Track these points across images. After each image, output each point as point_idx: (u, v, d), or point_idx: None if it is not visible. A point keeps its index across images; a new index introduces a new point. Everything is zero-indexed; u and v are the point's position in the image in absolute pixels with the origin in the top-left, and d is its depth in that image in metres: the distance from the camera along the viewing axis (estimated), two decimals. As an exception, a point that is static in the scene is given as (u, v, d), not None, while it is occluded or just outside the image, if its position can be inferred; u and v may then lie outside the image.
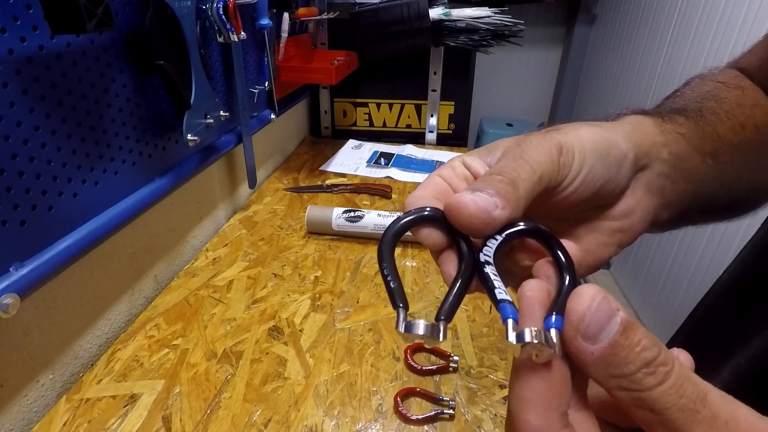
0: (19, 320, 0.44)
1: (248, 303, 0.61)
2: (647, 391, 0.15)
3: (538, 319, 0.17)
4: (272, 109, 0.93)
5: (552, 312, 0.17)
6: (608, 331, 0.15)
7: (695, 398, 0.15)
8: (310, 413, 0.46)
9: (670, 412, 0.14)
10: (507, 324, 0.17)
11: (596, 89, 2.14)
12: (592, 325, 0.16)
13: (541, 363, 0.16)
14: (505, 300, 0.18)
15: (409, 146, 1.18)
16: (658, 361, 0.15)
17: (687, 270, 1.32)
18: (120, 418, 0.45)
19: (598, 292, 0.16)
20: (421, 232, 0.21)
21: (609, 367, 0.15)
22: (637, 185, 0.26)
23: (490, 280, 0.19)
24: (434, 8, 1.02)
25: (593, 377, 0.16)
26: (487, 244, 0.20)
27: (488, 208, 0.19)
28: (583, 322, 0.16)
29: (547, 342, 0.16)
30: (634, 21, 1.80)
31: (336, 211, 0.76)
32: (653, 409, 0.15)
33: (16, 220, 0.41)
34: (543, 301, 0.17)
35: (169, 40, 0.56)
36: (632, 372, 0.15)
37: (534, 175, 0.21)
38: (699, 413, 0.14)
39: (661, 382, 0.15)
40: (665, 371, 0.15)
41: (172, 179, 0.62)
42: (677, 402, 0.15)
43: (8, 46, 0.38)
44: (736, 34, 1.21)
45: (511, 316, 0.17)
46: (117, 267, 0.58)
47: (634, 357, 0.15)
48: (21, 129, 0.40)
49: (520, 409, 0.16)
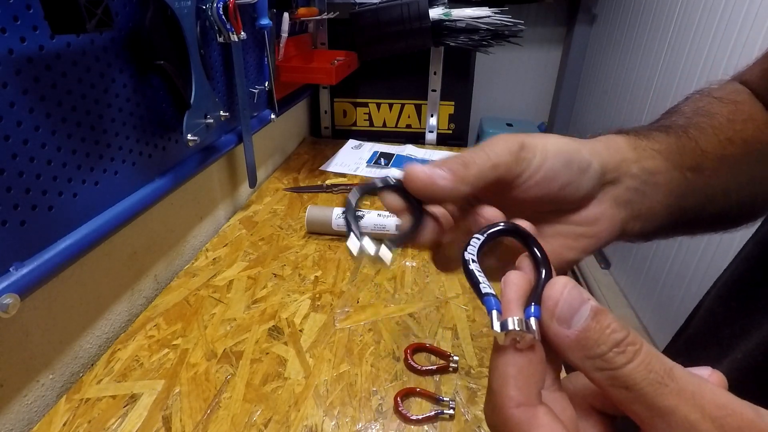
0: (19, 320, 0.44)
1: (248, 303, 0.61)
2: (619, 369, 0.16)
3: (520, 308, 0.19)
4: (272, 109, 0.93)
5: (531, 303, 0.19)
6: (580, 316, 0.17)
7: (663, 373, 0.16)
8: (310, 413, 0.46)
9: (641, 387, 0.16)
10: (492, 315, 0.19)
11: (596, 89, 2.14)
12: (565, 309, 0.18)
13: (522, 348, 0.18)
14: (490, 293, 0.19)
15: (409, 146, 1.18)
16: (627, 341, 0.16)
17: (687, 270, 1.32)
18: (120, 418, 0.45)
19: (568, 281, 0.18)
20: (384, 195, 0.25)
21: (583, 349, 0.17)
22: (605, 197, 0.29)
23: (474, 276, 0.20)
24: (434, 8, 1.02)
25: (570, 361, 0.18)
26: (470, 243, 0.22)
27: (434, 177, 0.23)
28: (557, 306, 0.18)
29: (527, 329, 0.18)
30: (634, 21, 1.80)
31: (336, 211, 0.76)
32: (626, 386, 0.16)
33: (16, 220, 0.41)
34: (523, 292, 0.19)
35: (169, 40, 0.56)
36: (604, 352, 0.16)
37: (488, 161, 0.24)
38: (667, 386, 0.15)
39: (630, 359, 0.16)
40: (634, 350, 0.16)
41: (172, 179, 0.62)
42: (647, 377, 0.16)
43: (8, 46, 0.38)
44: (736, 34, 1.21)
45: (495, 307, 0.19)
46: (117, 267, 0.58)
47: (605, 338, 0.17)
48: (21, 129, 0.40)
49: (503, 385, 0.18)
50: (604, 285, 1.68)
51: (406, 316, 0.60)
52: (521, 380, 0.18)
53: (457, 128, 1.23)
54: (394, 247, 0.24)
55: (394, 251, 0.24)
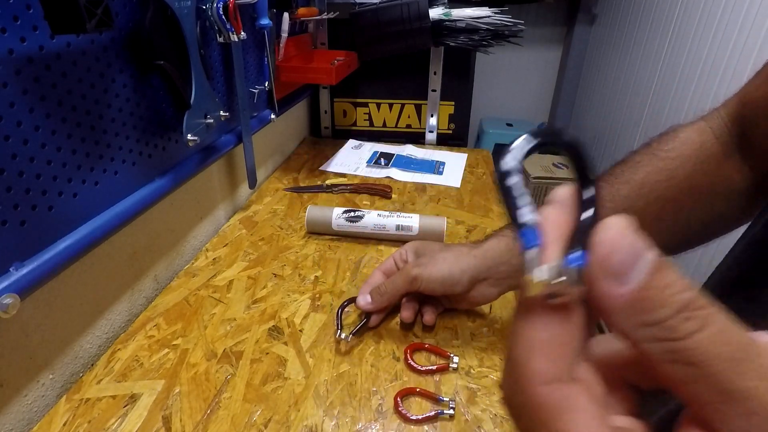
0: (19, 320, 0.44)
1: (248, 303, 0.61)
2: (685, 339, 0.13)
3: (561, 253, 0.14)
4: (272, 109, 0.93)
5: (575, 247, 0.14)
6: (639, 269, 0.13)
7: (742, 346, 0.12)
8: (310, 413, 0.46)
9: (713, 364, 0.12)
10: (528, 256, 0.14)
11: (596, 89, 2.14)
12: (620, 261, 0.14)
13: (556, 305, 0.14)
14: (530, 224, 0.15)
15: (409, 146, 1.18)
16: (697, 304, 0.13)
17: (687, 270, 1.32)
18: (120, 418, 0.45)
19: (629, 223, 0.14)
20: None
21: (639, 312, 0.13)
22: (481, 286, 0.52)
23: (511, 195, 0.15)
24: (434, 8, 1.02)
25: (618, 327, 0.14)
26: (514, 146, 0.16)
27: (363, 305, 0.56)
28: (611, 256, 0.14)
29: (569, 280, 0.14)
30: (634, 21, 1.80)
31: (336, 211, 0.76)
32: (692, 362, 0.13)
33: (16, 220, 0.41)
34: (564, 232, 0.15)
35: (169, 40, 0.56)
36: (667, 317, 0.13)
37: (397, 291, 0.54)
38: (749, 363, 0.12)
39: (700, 328, 0.13)
40: (704, 315, 0.13)
41: (172, 179, 0.62)
42: (720, 351, 0.12)
43: (8, 46, 0.38)
44: (735, 34, 1.21)
45: (536, 244, 0.14)
46: (117, 267, 0.58)
47: (669, 299, 0.13)
48: (21, 129, 0.40)
49: (530, 354, 0.14)
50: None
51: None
52: (554, 349, 0.14)
53: (457, 128, 1.23)
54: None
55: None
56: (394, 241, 0.75)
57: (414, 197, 0.93)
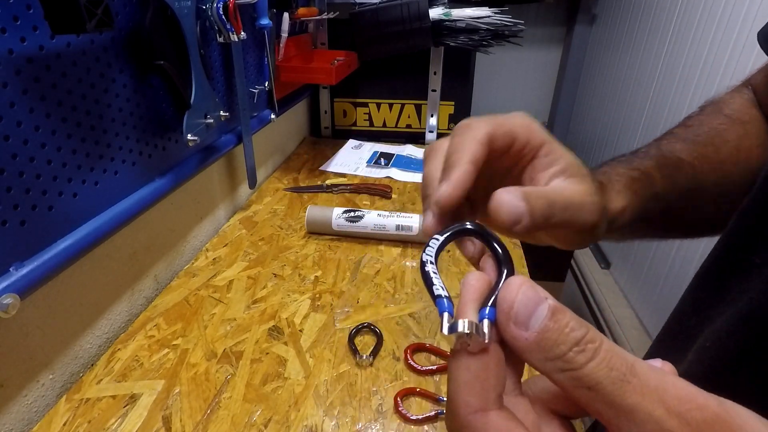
0: (19, 320, 0.44)
1: (248, 303, 0.61)
2: (580, 368, 0.16)
3: (472, 310, 0.18)
4: (272, 109, 0.93)
5: (487, 303, 0.18)
6: (537, 316, 0.16)
7: (624, 369, 0.15)
8: (310, 413, 0.46)
9: (604, 386, 0.15)
10: (443, 317, 0.18)
11: (596, 89, 2.14)
12: (521, 311, 0.17)
13: (474, 352, 0.18)
14: (442, 295, 0.19)
15: (409, 146, 1.18)
16: (587, 339, 0.16)
17: (687, 270, 1.32)
18: (120, 418, 0.45)
19: (525, 280, 0.18)
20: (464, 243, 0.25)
21: (543, 350, 0.16)
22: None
23: (429, 278, 0.20)
24: (434, 8, 1.02)
25: (531, 363, 0.17)
26: (429, 245, 0.22)
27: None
28: (513, 309, 0.17)
29: (477, 332, 0.17)
30: (634, 21, 1.80)
31: (336, 211, 0.76)
32: (589, 386, 0.15)
33: (16, 220, 0.41)
34: (479, 294, 0.19)
35: (169, 40, 0.56)
36: (564, 352, 0.16)
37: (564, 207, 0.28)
38: (630, 383, 0.15)
39: (591, 358, 0.16)
40: (594, 348, 0.16)
41: (172, 179, 0.62)
42: (609, 375, 0.15)
43: (8, 46, 0.38)
44: (735, 34, 1.21)
45: (447, 309, 0.18)
46: (117, 267, 0.58)
47: (564, 338, 0.16)
48: (21, 129, 0.40)
49: (458, 391, 0.18)
50: (604, 285, 1.68)
51: (406, 316, 0.60)
52: (477, 385, 0.17)
53: (457, 128, 1.23)
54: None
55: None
56: (394, 241, 0.75)
57: (414, 197, 0.93)
